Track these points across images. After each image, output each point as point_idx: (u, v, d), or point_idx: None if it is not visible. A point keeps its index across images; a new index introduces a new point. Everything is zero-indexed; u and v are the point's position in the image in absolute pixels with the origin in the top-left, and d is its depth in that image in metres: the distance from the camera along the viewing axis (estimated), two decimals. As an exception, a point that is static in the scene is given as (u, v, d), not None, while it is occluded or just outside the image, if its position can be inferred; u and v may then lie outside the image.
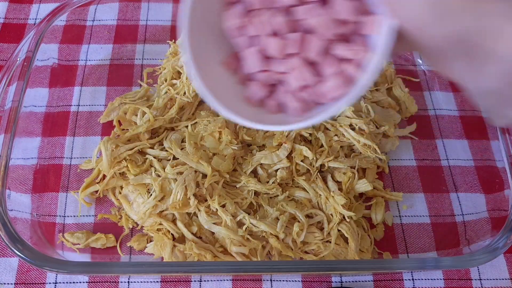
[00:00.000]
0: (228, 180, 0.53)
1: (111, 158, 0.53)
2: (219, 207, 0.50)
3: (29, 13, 0.69)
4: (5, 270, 0.50)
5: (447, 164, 0.58)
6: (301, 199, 0.53)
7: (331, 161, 0.53)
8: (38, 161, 0.55)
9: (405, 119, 0.62)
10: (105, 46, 0.66)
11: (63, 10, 0.58)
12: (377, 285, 0.51)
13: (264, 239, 0.51)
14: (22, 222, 0.48)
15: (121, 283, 0.50)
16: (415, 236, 0.54)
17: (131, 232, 0.53)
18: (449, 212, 0.55)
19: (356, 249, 0.50)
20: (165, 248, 0.50)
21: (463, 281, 0.52)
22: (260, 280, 0.51)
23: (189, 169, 0.52)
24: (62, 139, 0.58)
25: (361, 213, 0.53)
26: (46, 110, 0.58)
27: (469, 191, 0.56)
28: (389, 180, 0.58)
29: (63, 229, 0.53)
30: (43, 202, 0.54)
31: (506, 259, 0.53)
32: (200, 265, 0.46)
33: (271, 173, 0.54)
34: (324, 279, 0.51)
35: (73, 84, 0.62)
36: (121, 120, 0.58)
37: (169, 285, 0.51)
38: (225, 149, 0.53)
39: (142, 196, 0.52)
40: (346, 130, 0.55)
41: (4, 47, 0.66)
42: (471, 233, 0.52)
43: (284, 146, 0.53)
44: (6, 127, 0.49)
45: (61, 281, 0.50)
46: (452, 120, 0.61)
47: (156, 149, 0.55)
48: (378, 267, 0.47)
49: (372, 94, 0.61)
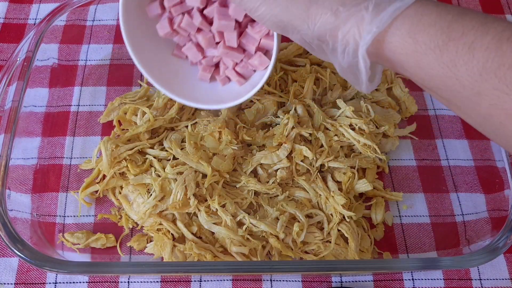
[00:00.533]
0: (228, 180, 0.53)
1: (111, 158, 0.53)
2: (219, 207, 0.50)
3: (29, 13, 0.69)
4: (5, 270, 0.50)
5: (447, 164, 0.58)
6: (301, 199, 0.53)
7: (331, 161, 0.53)
8: (38, 161, 0.55)
9: (405, 119, 0.62)
10: (105, 46, 0.65)
11: (63, 10, 0.58)
12: (377, 285, 0.51)
13: (264, 239, 0.51)
14: (22, 222, 0.48)
15: (121, 283, 0.50)
16: (415, 236, 0.54)
17: (131, 232, 0.53)
18: (449, 212, 0.55)
19: (356, 249, 0.50)
20: (165, 248, 0.50)
21: (463, 281, 0.52)
22: (260, 280, 0.51)
23: (189, 169, 0.52)
24: (62, 139, 0.58)
25: (361, 213, 0.53)
26: (46, 110, 0.58)
27: (469, 191, 0.56)
28: (389, 180, 0.58)
29: (63, 229, 0.53)
30: (43, 202, 0.54)
31: (506, 259, 0.53)
32: (200, 265, 0.46)
33: (271, 173, 0.54)
34: (324, 279, 0.52)
35: (73, 84, 0.62)
36: (121, 120, 0.58)
37: (169, 285, 0.51)
38: (225, 149, 0.53)
39: (142, 196, 0.52)
40: (346, 130, 0.55)
41: (4, 47, 0.66)
42: (471, 233, 0.52)
43: (284, 146, 0.53)
44: (6, 127, 0.49)
45: (61, 281, 0.50)
46: (452, 120, 0.61)
47: (156, 149, 0.55)
48: (378, 267, 0.47)
49: (372, 94, 0.61)
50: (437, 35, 0.31)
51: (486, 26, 0.30)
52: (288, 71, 0.61)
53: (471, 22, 0.31)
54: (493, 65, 0.30)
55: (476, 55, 0.30)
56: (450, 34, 0.31)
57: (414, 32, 0.32)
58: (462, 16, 0.31)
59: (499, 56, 0.29)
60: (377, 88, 0.61)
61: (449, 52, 0.31)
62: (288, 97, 0.58)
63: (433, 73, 0.32)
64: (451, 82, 0.32)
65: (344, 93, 0.60)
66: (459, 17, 0.31)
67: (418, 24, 0.31)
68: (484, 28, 0.30)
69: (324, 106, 0.59)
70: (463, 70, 0.31)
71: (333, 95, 0.59)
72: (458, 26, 0.31)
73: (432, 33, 0.31)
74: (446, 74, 0.32)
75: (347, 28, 0.33)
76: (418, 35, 0.31)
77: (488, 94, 0.31)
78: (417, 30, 0.31)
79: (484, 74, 0.30)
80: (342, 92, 0.60)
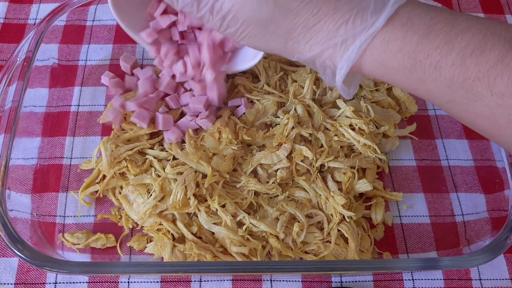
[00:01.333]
0: (228, 180, 0.53)
1: (111, 158, 0.53)
2: (219, 207, 0.50)
3: (29, 13, 0.69)
4: (5, 270, 0.51)
5: (447, 164, 0.58)
6: (301, 199, 0.53)
7: (331, 161, 0.53)
8: (38, 161, 0.55)
9: (405, 119, 0.62)
10: (105, 46, 0.65)
11: (63, 10, 0.58)
12: (377, 285, 0.51)
13: (264, 239, 0.51)
14: (22, 222, 0.48)
15: (121, 283, 0.50)
16: (415, 236, 0.54)
17: (131, 232, 0.53)
18: (449, 212, 0.55)
19: (356, 249, 0.50)
20: (165, 248, 0.50)
21: (463, 281, 0.52)
22: (260, 280, 0.51)
23: (189, 169, 0.52)
24: (62, 139, 0.58)
25: (361, 213, 0.53)
26: (46, 110, 0.59)
27: (469, 191, 0.56)
28: (389, 180, 0.58)
29: (63, 229, 0.53)
30: (43, 202, 0.54)
31: (506, 259, 0.53)
32: (200, 265, 0.46)
33: (271, 173, 0.54)
34: (324, 279, 0.52)
35: (73, 84, 0.62)
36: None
37: (169, 285, 0.51)
38: (225, 149, 0.53)
39: (142, 196, 0.52)
40: (346, 130, 0.55)
41: (4, 47, 0.66)
42: (471, 233, 0.52)
43: (284, 146, 0.53)
44: (6, 127, 0.49)
45: (61, 281, 0.50)
46: (452, 120, 0.61)
47: (156, 150, 0.55)
48: (378, 267, 0.47)
49: (372, 94, 0.61)
50: (404, 59, 0.34)
51: (450, 44, 0.33)
52: (288, 71, 0.61)
53: (436, 40, 0.33)
54: (459, 79, 0.33)
55: (442, 72, 0.33)
56: (416, 57, 0.34)
57: (383, 59, 0.35)
58: (427, 36, 0.33)
59: (464, 71, 0.33)
60: (377, 88, 0.62)
61: (417, 72, 0.34)
62: (288, 97, 0.58)
63: (407, 87, 0.36)
64: (423, 93, 0.36)
65: (344, 93, 0.60)
66: (424, 38, 0.33)
67: (385, 52, 0.34)
68: (448, 46, 0.33)
69: (324, 106, 0.59)
70: (432, 85, 0.34)
71: (333, 95, 0.59)
72: (423, 48, 0.33)
73: (399, 57, 0.34)
74: (418, 88, 0.36)
75: (322, 59, 0.37)
76: (387, 62, 0.35)
77: (457, 102, 0.34)
78: (385, 57, 0.35)
79: (452, 86, 0.33)
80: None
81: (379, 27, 0.34)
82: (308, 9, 0.35)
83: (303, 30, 0.36)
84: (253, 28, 0.36)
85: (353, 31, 0.34)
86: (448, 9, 0.35)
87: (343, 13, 0.34)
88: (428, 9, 0.34)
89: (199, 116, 0.55)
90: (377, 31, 0.34)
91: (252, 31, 0.37)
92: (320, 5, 0.34)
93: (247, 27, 0.36)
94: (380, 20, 0.34)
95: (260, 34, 0.37)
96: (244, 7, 0.35)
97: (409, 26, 0.34)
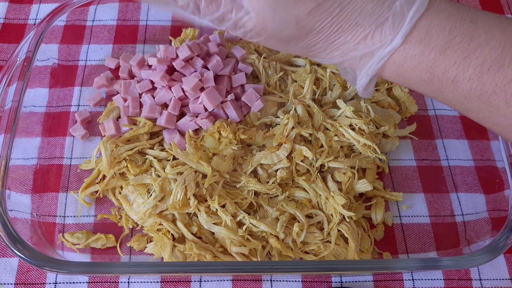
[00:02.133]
0: (228, 180, 0.53)
1: (111, 158, 0.53)
2: (219, 207, 0.50)
3: (29, 13, 0.69)
4: (5, 270, 0.50)
5: (447, 164, 0.58)
6: (301, 199, 0.53)
7: (331, 161, 0.53)
8: (38, 161, 0.55)
9: (405, 119, 0.62)
10: (105, 46, 0.65)
11: (63, 10, 0.58)
12: (377, 285, 0.51)
13: (264, 239, 0.51)
14: (22, 222, 0.48)
15: (121, 283, 0.50)
16: (415, 236, 0.54)
17: (131, 232, 0.53)
18: (449, 212, 0.55)
19: (356, 249, 0.50)
20: (165, 248, 0.50)
21: (463, 281, 0.52)
22: (260, 280, 0.51)
23: (189, 169, 0.52)
24: (62, 139, 0.58)
25: (361, 213, 0.53)
26: (46, 110, 0.59)
27: (469, 191, 0.56)
28: (389, 180, 0.58)
29: (63, 229, 0.53)
30: (43, 202, 0.54)
31: (506, 259, 0.53)
32: (200, 265, 0.46)
33: (271, 173, 0.54)
34: (324, 279, 0.52)
35: (73, 84, 0.62)
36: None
37: (169, 285, 0.51)
38: (225, 149, 0.53)
39: (142, 196, 0.52)
40: (346, 130, 0.55)
41: (4, 47, 0.66)
42: (471, 233, 0.52)
43: (284, 146, 0.53)
44: (6, 127, 0.49)
45: (61, 281, 0.50)
46: (452, 120, 0.61)
47: (156, 150, 0.55)
48: (378, 267, 0.47)
49: (372, 94, 0.61)
50: (422, 73, 0.35)
51: (468, 60, 0.33)
52: (288, 71, 0.61)
53: (453, 56, 0.34)
54: (476, 92, 0.34)
55: (459, 86, 0.34)
56: (433, 72, 0.35)
57: (401, 72, 0.36)
58: (445, 52, 0.34)
59: (480, 85, 0.34)
60: (377, 88, 0.62)
61: (435, 84, 0.36)
62: (288, 97, 0.58)
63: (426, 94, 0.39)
64: (442, 101, 0.38)
65: (344, 93, 0.60)
66: (441, 54, 0.34)
67: (403, 66, 0.36)
68: (466, 62, 0.34)
69: (324, 106, 0.59)
70: (450, 96, 0.36)
71: (333, 95, 0.59)
72: (440, 64, 0.34)
73: (417, 72, 0.35)
74: (436, 97, 0.37)
75: (343, 66, 0.39)
76: (405, 74, 0.36)
77: (475, 111, 0.36)
78: (403, 70, 0.36)
79: (469, 98, 0.35)
80: (342, 92, 0.60)
81: (397, 45, 0.34)
82: (329, 28, 0.35)
83: (324, 45, 0.37)
84: (275, 42, 0.37)
85: (372, 47, 0.35)
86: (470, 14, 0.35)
87: (364, 29, 0.35)
88: (449, 18, 0.34)
89: (199, 116, 0.55)
90: (395, 50, 0.35)
91: (273, 44, 0.38)
92: (341, 23, 0.35)
93: (269, 41, 0.37)
94: (398, 39, 0.34)
95: (281, 46, 0.38)
96: (265, 27, 0.35)
97: (427, 41, 0.34)
